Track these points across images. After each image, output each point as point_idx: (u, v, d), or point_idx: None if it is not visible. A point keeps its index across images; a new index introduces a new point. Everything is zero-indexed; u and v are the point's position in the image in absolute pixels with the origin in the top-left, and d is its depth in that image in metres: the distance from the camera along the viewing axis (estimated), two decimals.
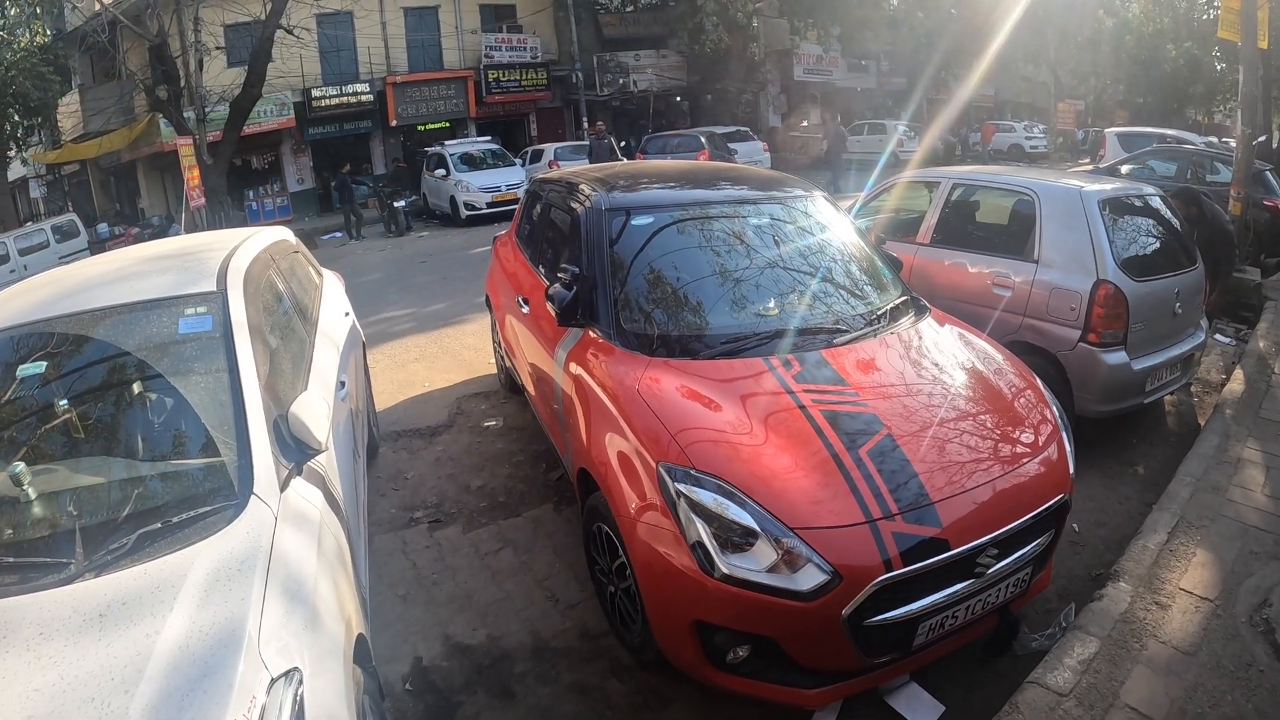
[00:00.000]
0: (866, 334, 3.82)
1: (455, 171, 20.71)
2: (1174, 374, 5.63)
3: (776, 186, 4.84)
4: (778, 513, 2.72)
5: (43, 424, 2.78)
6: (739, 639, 2.81)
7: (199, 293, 3.22)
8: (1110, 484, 5.10)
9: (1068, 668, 3.18)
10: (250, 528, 2.34)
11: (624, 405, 3.30)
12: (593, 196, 4.38)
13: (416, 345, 8.80)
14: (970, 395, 3.48)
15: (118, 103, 23.24)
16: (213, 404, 2.79)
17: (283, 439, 2.80)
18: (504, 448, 5.80)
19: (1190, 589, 3.74)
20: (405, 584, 4.19)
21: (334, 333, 4.59)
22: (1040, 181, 5.82)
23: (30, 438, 2.75)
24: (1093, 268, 5.16)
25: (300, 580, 2.31)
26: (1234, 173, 10.29)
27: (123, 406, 2.93)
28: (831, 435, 3.03)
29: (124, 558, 2.22)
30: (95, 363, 3.00)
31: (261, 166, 27.00)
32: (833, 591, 2.63)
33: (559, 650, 3.63)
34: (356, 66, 27.01)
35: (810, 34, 33.82)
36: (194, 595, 2.06)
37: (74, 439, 2.78)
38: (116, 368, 2.99)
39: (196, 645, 1.93)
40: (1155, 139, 17.65)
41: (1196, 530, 4.20)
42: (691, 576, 2.74)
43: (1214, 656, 3.30)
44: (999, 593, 3.03)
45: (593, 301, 3.90)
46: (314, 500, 2.76)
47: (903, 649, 2.87)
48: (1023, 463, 3.15)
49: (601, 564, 3.54)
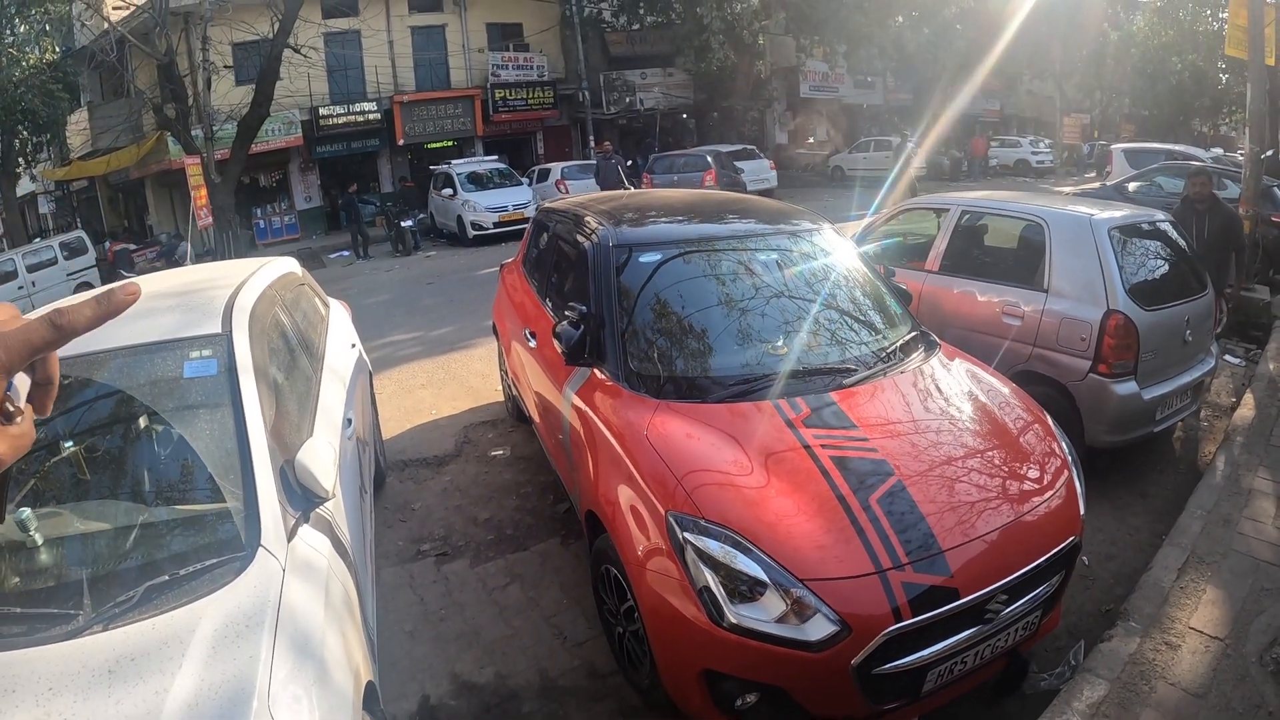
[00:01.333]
0: (876, 373, 3.79)
1: (462, 191, 20.73)
2: (1184, 401, 5.60)
3: (784, 219, 4.82)
4: (786, 563, 2.71)
5: (47, 469, 2.76)
6: (747, 687, 2.79)
7: (204, 334, 3.18)
8: (1120, 515, 5.07)
9: (1076, 712, 3.15)
10: (258, 581, 2.33)
11: (631, 449, 3.29)
12: (599, 231, 4.38)
13: (424, 370, 8.80)
14: (979, 433, 3.47)
15: (126, 120, 23.31)
16: (219, 451, 2.77)
17: (289, 486, 2.79)
18: (511, 478, 5.80)
19: (1200, 628, 3.70)
20: (412, 619, 4.17)
21: (340, 366, 4.58)
22: (1050, 209, 5.80)
23: (35, 483, 2.72)
24: (1103, 297, 5.14)
25: (308, 634, 2.29)
26: (1243, 190, 10.25)
27: (128, 452, 2.91)
28: (840, 481, 3.01)
29: (131, 611, 2.20)
30: (99, 405, 2.98)
31: (269, 184, 27.12)
32: (842, 642, 2.62)
33: (567, 689, 3.62)
34: (364, 85, 27.11)
35: (816, 51, 33.90)
36: (202, 652, 2.05)
37: (79, 484, 2.76)
38: (121, 411, 2.97)
39: (206, 703, 1.92)
40: (1163, 155, 17.64)
41: (1207, 566, 4.16)
42: (700, 626, 2.73)
43: (1224, 699, 3.26)
44: (1008, 637, 3.00)
45: (600, 341, 3.89)
46: (321, 549, 2.75)
47: (911, 695, 2.85)
48: (1033, 504, 3.12)
49: (609, 604, 3.53)
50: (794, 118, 36.22)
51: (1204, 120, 45.43)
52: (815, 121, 37.11)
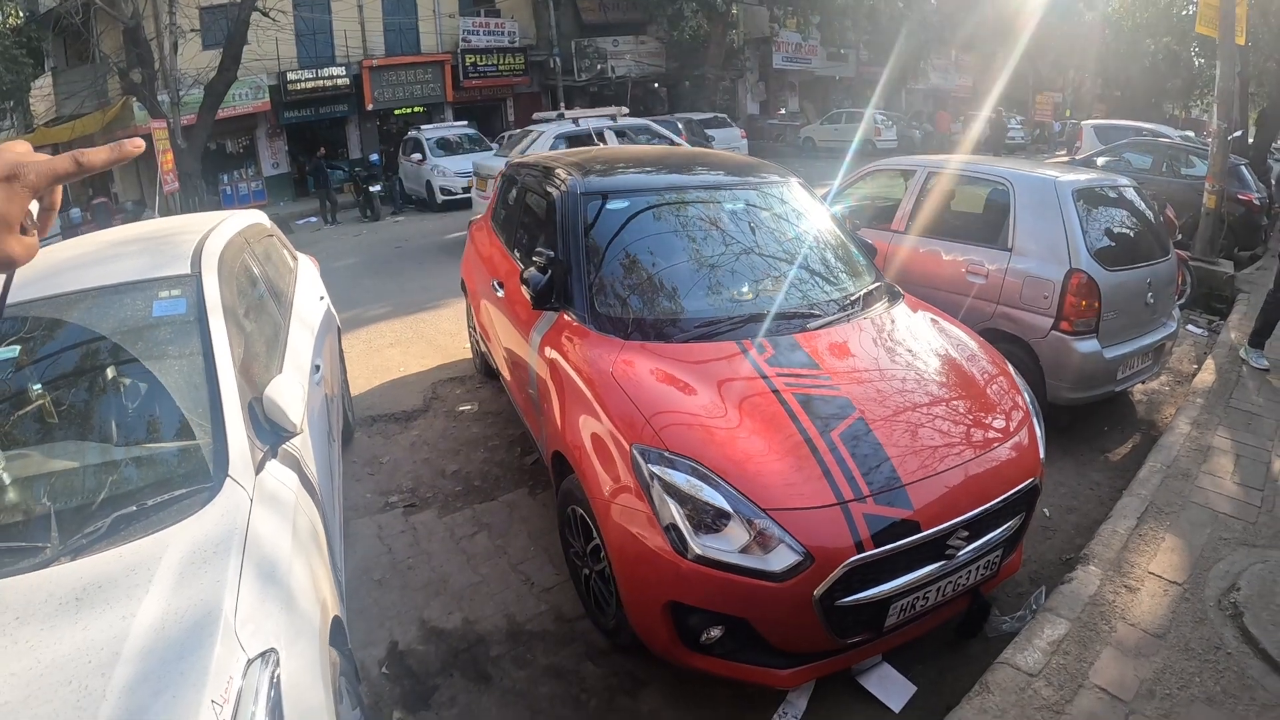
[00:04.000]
0: (840, 319, 3.85)
1: (431, 156, 20.56)
2: (1145, 363, 5.71)
3: (752, 172, 4.85)
4: (750, 494, 2.74)
5: (15, 409, 2.75)
6: (712, 620, 2.83)
7: (173, 275, 3.19)
8: (1081, 470, 5.17)
9: (1037, 649, 3.24)
10: (225, 510, 2.33)
11: (598, 388, 3.31)
12: (568, 180, 4.39)
13: (392, 330, 8.77)
14: (942, 380, 3.52)
15: (91, 86, 22.79)
16: (187, 387, 2.77)
17: (257, 422, 2.78)
18: (479, 432, 5.81)
19: (1159, 573, 3.81)
20: (381, 568, 4.19)
21: (309, 317, 4.57)
22: (1015, 171, 5.89)
23: (4, 421, 2.72)
24: (1066, 257, 5.22)
25: (275, 562, 2.29)
26: (1209, 167, 10.44)
27: (96, 391, 2.90)
28: (804, 418, 3.05)
29: (99, 541, 2.20)
30: (68, 347, 2.97)
31: (236, 150, 26.67)
32: (804, 572, 2.65)
33: (534, 634, 3.65)
34: (333, 49, 26.67)
35: (790, 22, 33.86)
36: (169, 578, 2.05)
37: (47, 424, 2.75)
38: (90, 352, 2.96)
39: (172, 628, 1.92)
40: (1131, 132, 17.83)
41: (1166, 516, 4.28)
42: (665, 557, 2.76)
43: (1183, 639, 3.37)
44: (969, 575, 3.06)
45: (567, 285, 3.91)
46: (289, 483, 2.75)
47: (875, 630, 2.91)
48: (993, 447, 3.18)
49: (576, 547, 3.56)
50: (766, 88, 36.14)
51: (1176, 103, 45.79)
52: (787, 92, 37.10)
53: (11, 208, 0.93)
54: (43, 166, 0.95)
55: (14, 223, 0.94)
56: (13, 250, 0.95)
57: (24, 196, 0.94)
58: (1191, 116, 45.66)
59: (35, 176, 0.94)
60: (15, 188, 0.93)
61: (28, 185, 0.94)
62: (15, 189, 0.93)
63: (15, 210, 0.94)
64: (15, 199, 0.93)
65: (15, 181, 0.93)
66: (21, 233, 0.97)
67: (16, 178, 0.93)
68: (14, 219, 0.94)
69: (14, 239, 0.95)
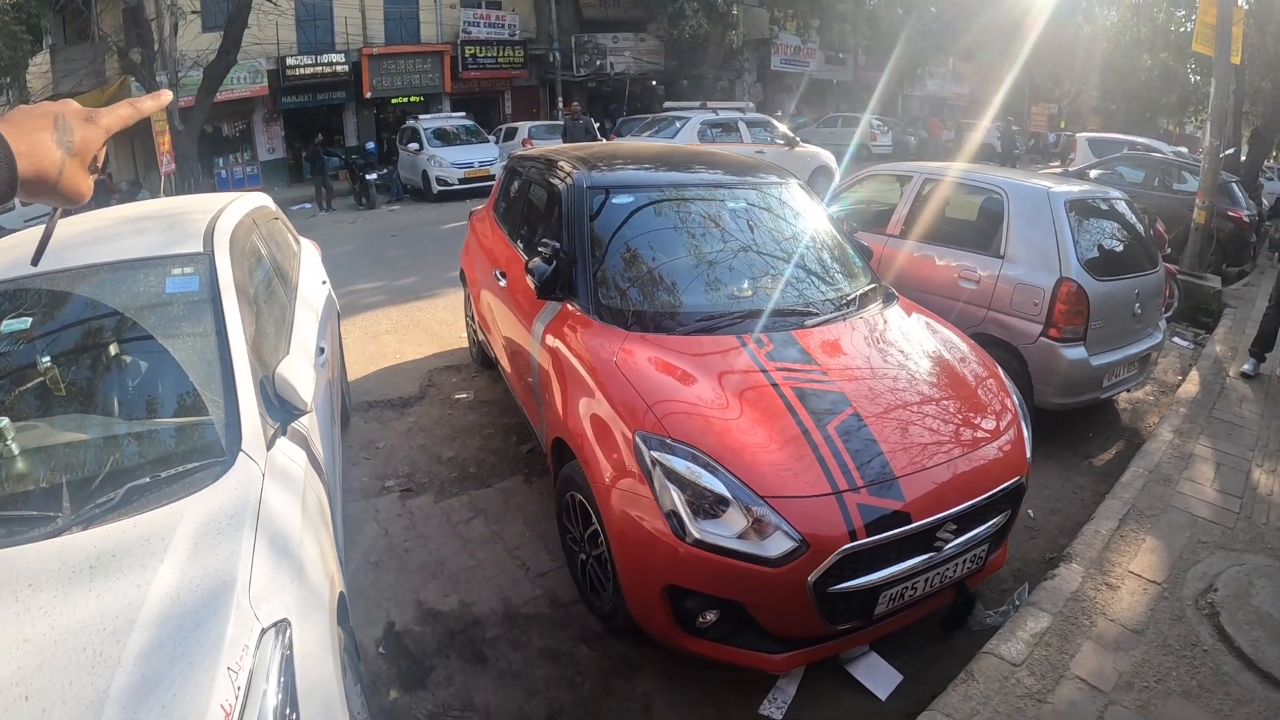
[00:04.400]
0: (836, 318, 3.95)
1: (429, 146, 20.56)
2: (1131, 372, 5.82)
3: (753, 172, 4.95)
4: (749, 481, 2.83)
5: (28, 380, 2.76)
6: (708, 604, 2.91)
7: (186, 253, 3.21)
8: (1065, 474, 5.28)
9: (1021, 640, 3.35)
10: (239, 483, 2.36)
11: (601, 376, 3.39)
12: (574, 174, 4.46)
13: (388, 318, 8.81)
14: (934, 380, 3.62)
15: (90, 65, 22.69)
16: (200, 363, 2.80)
17: (268, 399, 2.82)
18: (475, 420, 5.87)
19: (1139, 572, 3.92)
20: (378, 551, 4.23)
21: (313, 300, 4.60)
22: (1010, 180, 5.99)
23: (15, 393, 2.73)
24: (1056, 265, 5.32)
25: (287, 536, 2.33)
26: (1201, 183, 10.54)
27: (109, 364, 2.92)
28: (801, 411, 3.14)
29: (112, 511, 2.21)
30: (81, 320, 2.99)
31: (232, 134, 26.52)
32: (800, 558, 2.74)
33: (530, 617, 3.70)
34: (333, 36, 26.58)
35: (790, 25, 33.92)
36: (184, 548, 2.07)
37: (60, 395, 2.77)
38: (102, 325, 2.98)
39: (188, 596, 1.93)
40: (1125, 145, 17.97)
41: (1147, 519, 4.39)
42: (664, 541, 2.84)
43: (1160, 635, 3.48)
44: (956, 567, 3.16)
45: (572, 276, 3.98)
46: (298, 460, 2.79)
47: (865, 617, 3.00)
48: (982, 445, 3.28)
49: (574, 532, 3.63)
50: (763, 90, 36.20)
51: (1170, 118, 45.94)
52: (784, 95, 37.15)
53: (90, 145, 1.06)
54: (111, 112, 1.10)
55: (89, 158, 1.07)
56: (83, 186, 1.06)
57: (100, 136, 1.08)
58: (1185, 132, 45.85)
59: (108, 120, 1.09)
60: (93, 126, 1.06)
61: (103, 126, 1.08)
62: (93, 127, 1.06)
63: (92, 147, 1.06)
64: (94, 137, 1.06)
65: (93, 123, 1.07)
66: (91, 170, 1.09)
67: (94, 120, 1.07)
68: (90, 154, 1.06)
69: (85, 175, 1.06)
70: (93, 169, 1.09)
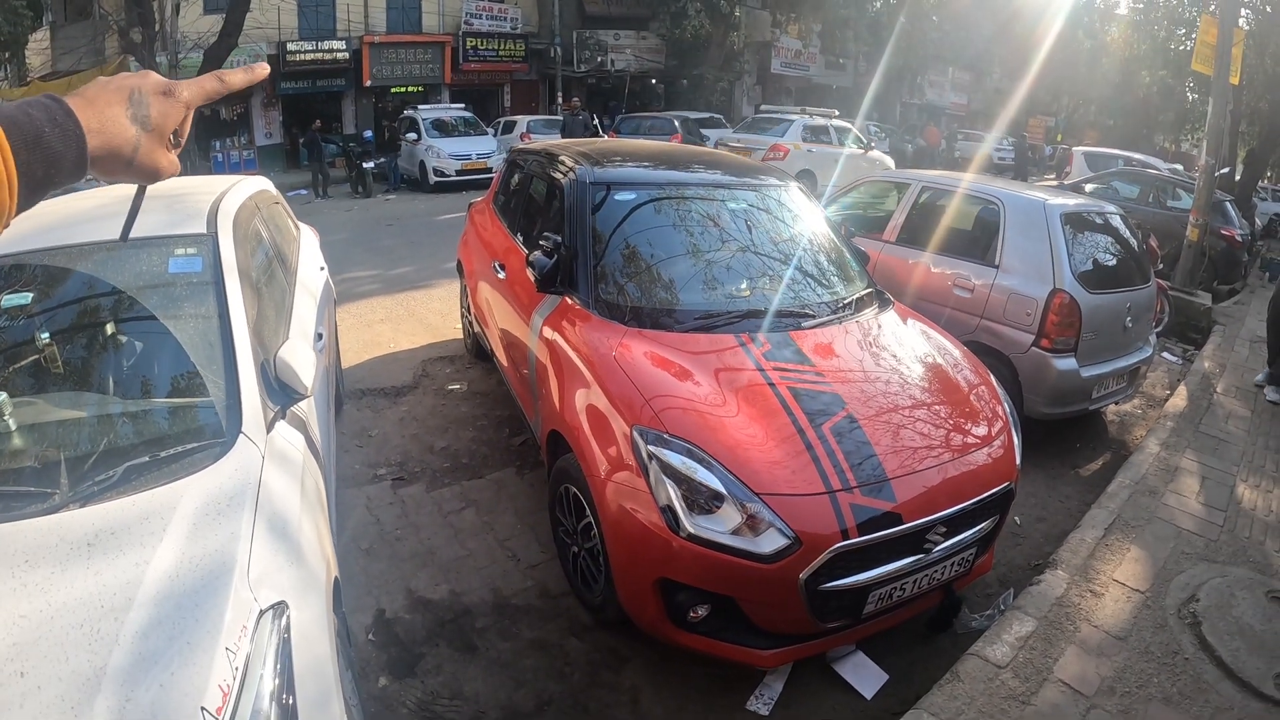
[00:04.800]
0: (832, 320, 4.00)
1: (427, 136, 20.52)
2: (1120, 384, 5.87)
3: (754, 174, 4.99)
4: (744, 478, 2.87)
5: (27, 356, 2.74)
6: (700, 598, 2.94)
7: (190, 234, 3.20)
8: (1052, 484, 5.33)
9: (1006, 643, 3.40)
10: (239, 465, 2.36)
11: (599, 370, 3.41)
12: (577, 169, 4.49)
13: (382, 306, 8.81)
14: (928, 385, 3.66)
15: (89, 43, 22.56)
16: (202, 344, 2.80)
17: (269, 382, 2.83)
18: (468, 411, 5.88)
19: (1123, 581, 3.98)
20: (369, 538, 4.24)
21: (312, 285, 4.61)
22: (1007, 191, 6.04)
23: (14, 369, 2.71)
24: (1050, 277, 5.38)
25: (286, 518, 2.34)
26: (1195, 200, 10.60)
27: (109, 342, 2.90)
28: (796, 410, 3.18)
29: (111, 489, 2.20)
30: (82, 298, 2.97)
31: (230, 118, 26.36)
32: (792, 555, 2.78)
33: (520, 608, 3.72)
34: (334, 23, 26.45)
35: (791, 28, 33.95)
36: (184, 527, 2.06)
37: (59, 372, 2.75)
38: (103, 303, 2.96)
39: (187, 575, 1.92)
40: (1121, 161, 18.06)
41: (1132, 529, 4.44)
42: (658, 535, 2.87)
43: (1143, 643, 3.54)
44: (944, 570, 3.20)
45: (573, 270, 4.01)
46: (296, 444, 2.80)
47: (853, 616, 3.04)
48: (973, 450, 3.32)
49: (566, 525, 3.65)
50: (762, 92, 36.24)
51: (1167, 136, 46.11)
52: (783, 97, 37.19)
53: (168, 120, 1.00)
54: (193, 85, 1.03)
55: (167, 134, 1.01)
56: (161, 162, 1.01)
57: (179, 110, 1.01)
58: (1181, 150, 46.03)
59: (189, 93, 1.02)
60: (172, 100, 1.00)
61: (183, 100, 1.01)
62: (172, 101, 1.00)
63: (171, 122, 1.01)
64: (171, 111, 1.00)
65: (171, 96, 1.00)
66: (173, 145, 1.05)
67: (172, 94, 1.00)
68: (167, 130, 1.01)
69: (162, 151, 1.01)
70: (175, 144, 1.04)
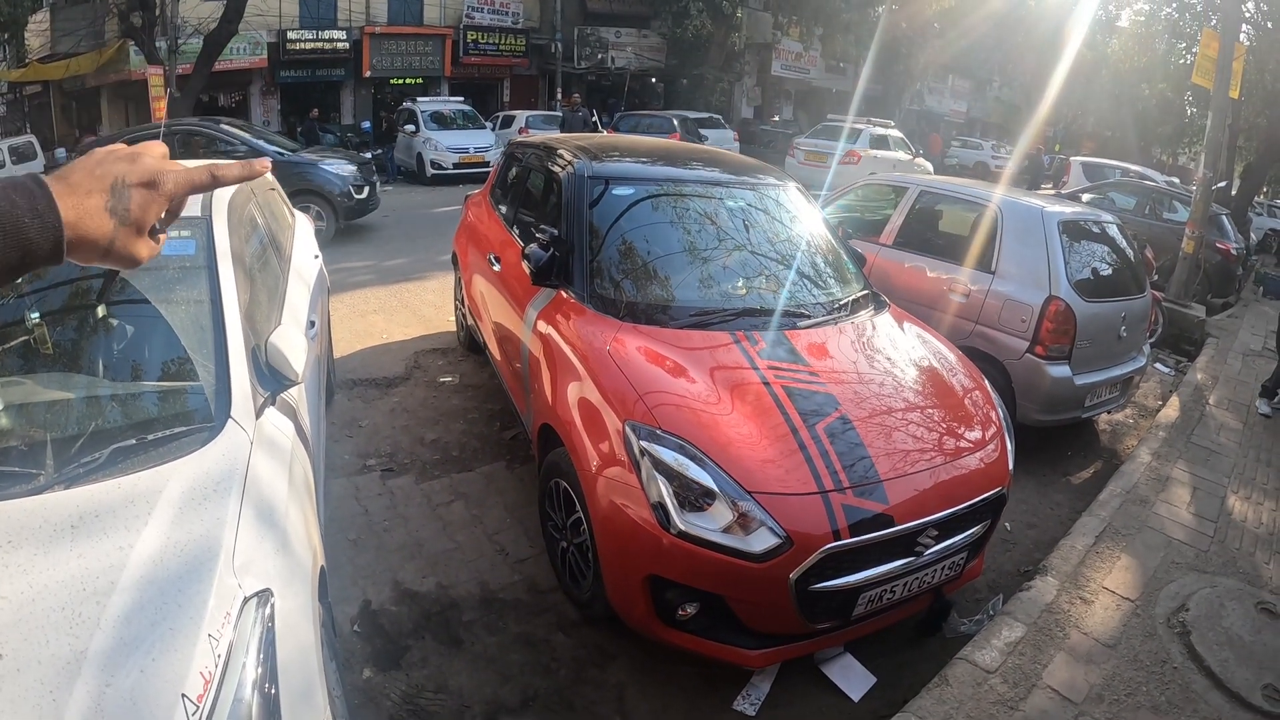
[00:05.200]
0: (828, 321, 3.99)
1: (425, 129, 20.45)
2: (1113, 393, 5.87)
3: (753, 173, 4.98)
4: (736, 476, 2.85)
5: (16, 336, 2.71)
6: (689, 596, 2.92)
7: (184, 216, 3.15)
8: (1044, 491, 5.33)
9: (995, 648, 3.39)
10: (227, 449, 2.34)
11: (593, 364, 3.39)
12: (575, 163, 4.47)
13: (376, 297, 8.77)
14: (922, 388, 3.65)
15: (89, 26, 22.45)
16: (193, 327, 2.77)
17: (259, 368, 2.80)
18: (460, 404, 5.86)
19: (1113, 589, 3.97)
20: (356, 529, 4.22)
21: (306, 273, 4.57)
22: (1005, 197, 6.02)
23: (2, 349, 2.68)
24: (1046, 284, 5.37)
25: (273, 505, 2.31)
26: (1191, 213, 10.61)
27: (99, 324, 2.88)
28: (790, 409, 3.17)
29: (96, 471, 2.17)
30: (74, 278, 2.94)
31: (229, 105, 26.33)
32: (783, 555, 2.76)
33: (507, 602, 3.70)
34: (335, 13, 26.37)
35: (793, 30, 33.91)
36: (169, 511, 2.04)
37: (48, 353, 2.73)
38: (94, 285, 2.94)
39: (171, 560, 1.90)
40: (1119, 171, 18.10)
41: (1122, 537, 4.44)
42: (649, 531, 2.86)
43: (1132, 651, 3.53)
44: (935, 573, 3.19)
45: (568, 264, 3.99)
46: (286, 431, 2.77)
47: (843, 617, 3.02)
48: (966, 455, 3.31)
49: (556, 520, 3.63)
50: (762, 93, 36.25)
51: (1164, 149, 46.16)
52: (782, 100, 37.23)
53: (148, 214, 0.96)
54: (181, 176, 0.99)
55: (146, 227, 0.97)
56: (139, 252, 0.97)
57: (160, 204, 0.97)
58: (1178, 163, 46.14)
59: (173, 185, 0.98)
60: (154, 194, 0.96)
61: (165, 194, 0.97)
62: (153, 195, 0.96)
63: (151, 216, 0.97)
64: (152, 205, 0.96)
65: (154, 188, 0.96)
66: (153, 235, 1.00)
67: (156, 185, 0.96)
68: (147, 224, 0.97)
69: (142, 241, 0.97)
70: (156, 233, 1.00)
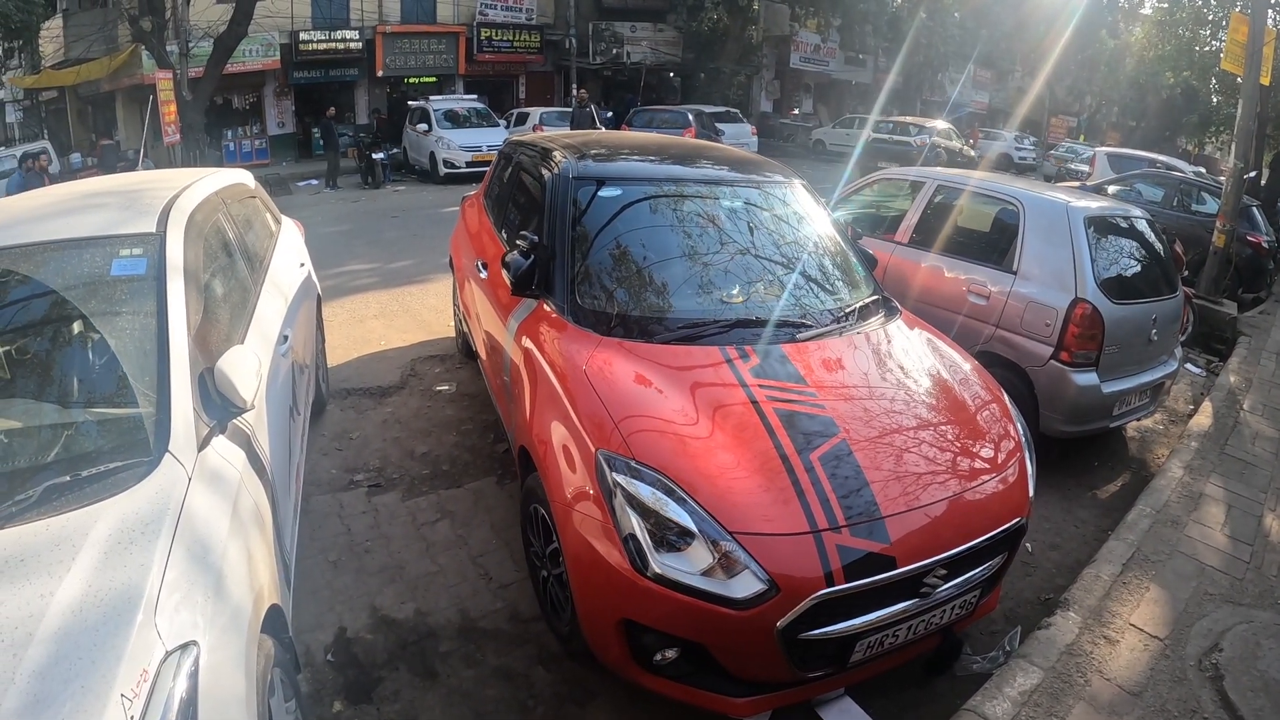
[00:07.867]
0: (832, 331, 3.70)
1: (438, 127, 20.39)
2: (1143, 400, 5.58)
3: (755, 170, 4.70)
4: (718, 514, 2.61)
5: None
6: (668, 641, 2.69)
7: (136, 233, 3.03)
8: (1068, 506, 5.05)
9: (1007, 698, 3.09)
10: (160, 487, 2.20)
11: (570, 385, 3.17)
12: (561, 163, 4.24)
13: (377, 301, 8.64)
14: (933, 405, 3.37)
15: (101, 31, 22.58)
16: (136, 353, 2.62)
17: (207, 394, 2.64)
18: (454, 414, 5.69)
19: (1140, 625, 3.67)
20: (337, 549, 4.08)
21: (284, 283, 4.43)
22: (1027, 192, 5.75)
23: None
24: (1072, 285, 5.09)
25: (208, 547, 2.17)
26: (1222, 204, 10.28)
27: (41, 350, 2.76)
28: (783, 436, 2.91)
29: (28, 511, 2.08)
30: (15, 301, 2.82)
31: (242, 107, 26.36)
32: (769, 602, 2.52)
33: (487, 632, 3.54)
34: (347, 13, 26.33)
35: (810, 23, 33.70)
36: (93, 556, 1.94)
37: None
38: (38, 309, 2.81)
39: (91, 611, 1.81)
40: (1145, 163, 17.73)
41: (1152, 565, 4.14)
42: (622, 573, 2.62)
43: (1159, 699, 3.22)
44: (944, 614, 2.93)
45: (549, 273, 3.76)
46: (235, 461, 2.61)
47: (838, 665, 2.77)
48: (981, 481, 3.04)
49: (536, 547, 3.43)
50: (780, 87, 36.00)
51: (1190, 138, 45.51)
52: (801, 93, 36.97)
53: None
54: None
55: None
56: None
57: None
58: (1204, 153, 45.47)
59: None
60: None
61: None
62: None
63: None
64: None
65: None
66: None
67: None
68: None
69: None
70: None
